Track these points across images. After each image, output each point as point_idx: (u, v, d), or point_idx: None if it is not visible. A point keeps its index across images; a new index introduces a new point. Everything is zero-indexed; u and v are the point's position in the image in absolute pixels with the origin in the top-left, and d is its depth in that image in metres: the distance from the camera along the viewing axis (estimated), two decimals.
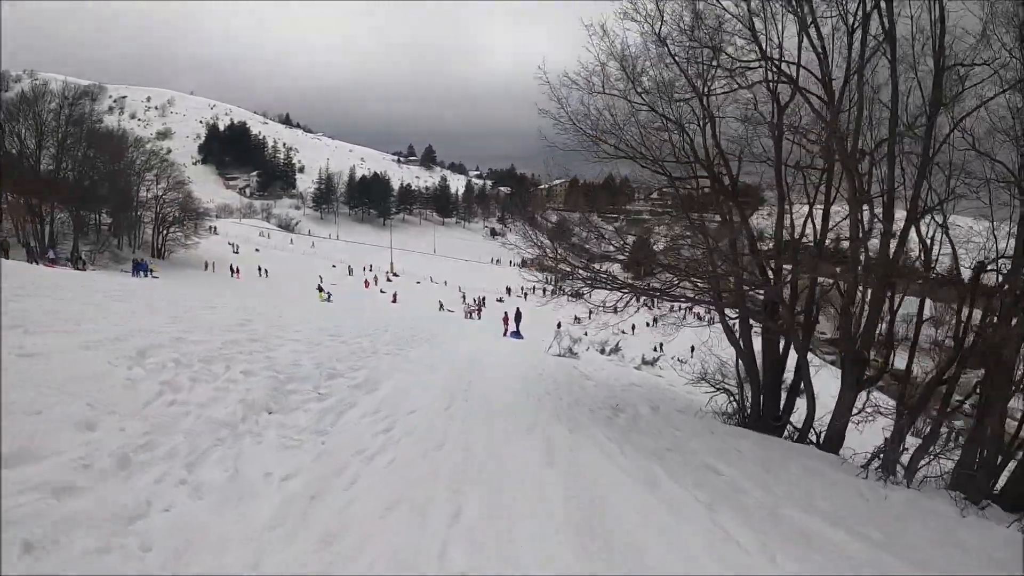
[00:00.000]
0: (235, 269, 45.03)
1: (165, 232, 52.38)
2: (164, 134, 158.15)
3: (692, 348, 39.82)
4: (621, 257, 9.11)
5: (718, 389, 9.01)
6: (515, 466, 4.78)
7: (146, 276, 35.85)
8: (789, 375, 8.79)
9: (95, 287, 13.36)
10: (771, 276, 8.13)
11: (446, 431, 5.73)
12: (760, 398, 8.50)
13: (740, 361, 9.46)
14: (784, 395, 8.70)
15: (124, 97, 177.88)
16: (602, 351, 18.46)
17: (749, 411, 8.64)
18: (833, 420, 7.76)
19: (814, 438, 8.00)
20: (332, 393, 6.68)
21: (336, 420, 5.72)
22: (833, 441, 7.75)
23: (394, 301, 42.42)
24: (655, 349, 40.12)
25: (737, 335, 8.89)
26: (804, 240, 8.61)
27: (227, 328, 8.87)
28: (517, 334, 21.85)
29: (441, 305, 43.48)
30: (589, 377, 11.16)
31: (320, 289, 33.69)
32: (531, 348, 16.61)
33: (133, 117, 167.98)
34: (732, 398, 8.83)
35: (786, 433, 8.15)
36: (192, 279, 38.17)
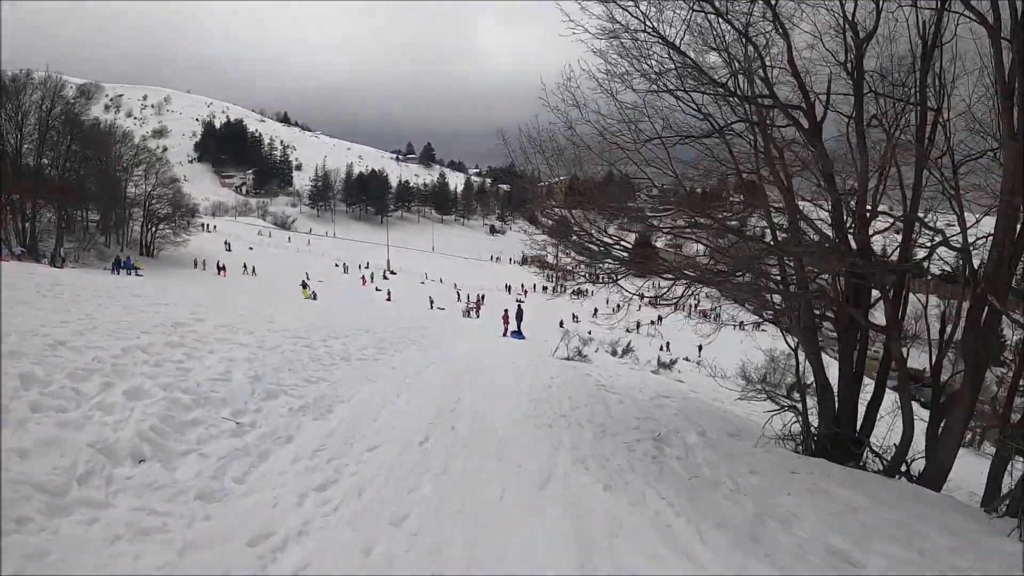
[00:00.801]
0: (222, 267, 43.10)
1: (154, 229, 50.55)
2: (160, 132, 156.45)
3: (699, 348, 37.86)
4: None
5: (784, 407, 7.06)
6: None
7: (129, 274, 34.13)
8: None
9: (35, 282, 11.48)
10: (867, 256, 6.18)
11: (413, 489, 3.83)
12: (834, 416, 6.58)
13: (799, 367, 7.55)
14: (860, 411, 6.77)
15: (121, 96, 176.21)
16: (613, 353, 16.53)
17: (817, 433, 6.72)
18: (938, 452, 5.85)
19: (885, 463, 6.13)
20: (260, 421, 4.77)
21: (249, 470, 3.81)
22: (933, 476, 5.87)
23: (388, 299, 40.48)
24: (661, 348, 38.25)
25: (796, 333, 7.02)
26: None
27: (147, 329, 6.93)
28: (518, 334, 19.96)
29: (432, 303, 41.31)
30: (608, 387, 9.24)
31: (305, 286, 31.64)
32: (534, 350, 14.68)
33: (129, 116, 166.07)
34: (797, 416, 6.89)
35: (854, 459, 6.28)
36: (177, 277, 36.29)
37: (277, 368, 6.67)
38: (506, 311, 20.75)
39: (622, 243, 6.94)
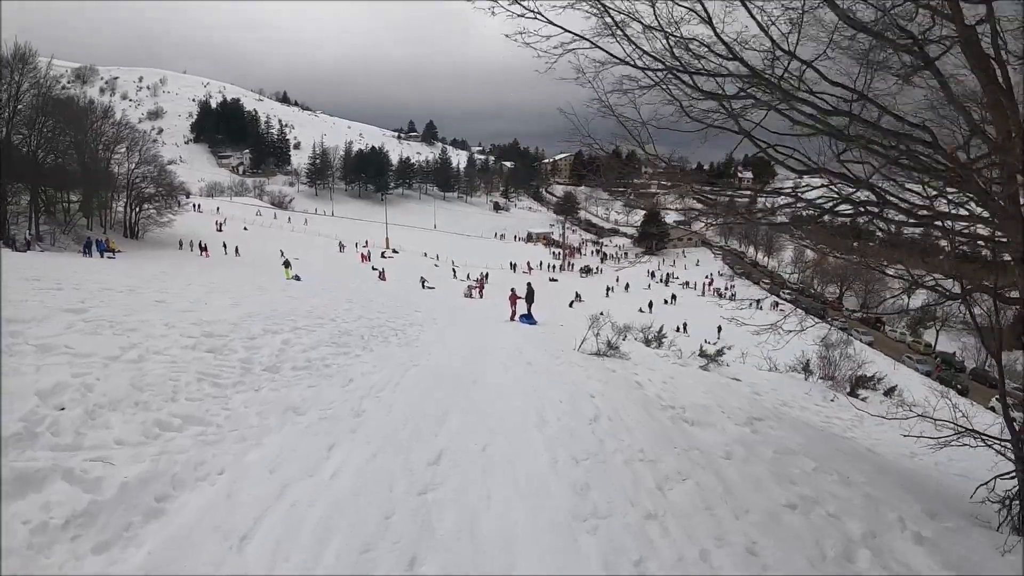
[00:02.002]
0: (204, 247, 40.26)
1: (138, 210, 47.68)
2: (155, 113, 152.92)
3: (719, 328, 34.75)
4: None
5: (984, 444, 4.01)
6: None
7: (103, 256, 31.64)
8: None
9: None
10: None
11: None
12: None
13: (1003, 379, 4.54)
14: None
15: (116, 78, 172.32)
16: (646, 342, 13.49)
17: None
18: None
19: None
20: None
21: None
22: None
23: (382, 278, 37.47)
24: (678, 329, 34.88)
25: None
26: None
27: None
28: (529, 318, 16.96)
29: (423, 282, 37.33)
30: (678, 408, 6.26)
31: (287, 265, 28.66)
32: (552, 340, 11.67)
33: (124, 98, 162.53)
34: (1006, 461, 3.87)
35: None
36: (155, 259, 33.49)
37: (100, 404, 3.70)
38: (513, 291, 17.65)
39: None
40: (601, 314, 10.82)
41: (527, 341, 11.16)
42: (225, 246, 44.47)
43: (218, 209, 71.23)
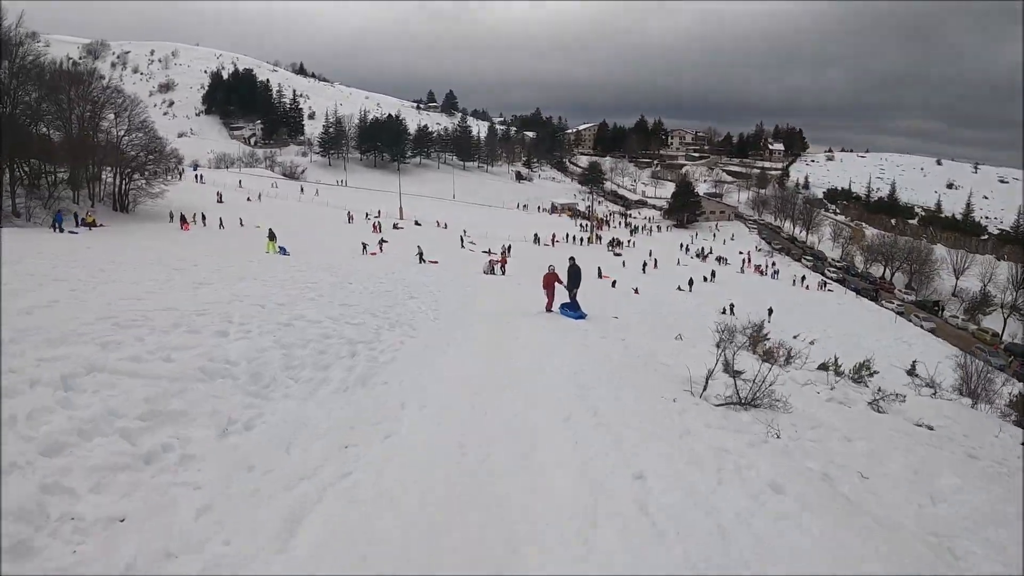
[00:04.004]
0: (184, 219, 36.17)
1: (128, 181, 43.64)
2: (166, 86, 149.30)
3: (770, 311, 29.64)
4: None
5: None
6: None
7: (63, 231, 27.91)
8: None
9: None
10: None
11: None
12: None
13: None
14: None
15: (127, 52, 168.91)
16: (767, 356, 8.51)
17: None
18: None
19: None
20: None
21: None
22: None
23: (378, 251, 32.68)
24: (724, 311, 29.26)
25: None
26: None
27: None
28: (572, 309, 12.16)
29: (421, 255, 30.71)
30: None
31: (271, 238, 24.27)
32: (629, 362, 6.84)
33: (136, 71, 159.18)
34: None
35: None
36: (125, 234, 29.45)
37: None
38: (552, 271, 12.88)
39: None
40: (726, 311, 5.91)
41: (591, 367, 6.30)
42: (221, 220, 40.23)
43: (240, 182, 67.15)
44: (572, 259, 13.32)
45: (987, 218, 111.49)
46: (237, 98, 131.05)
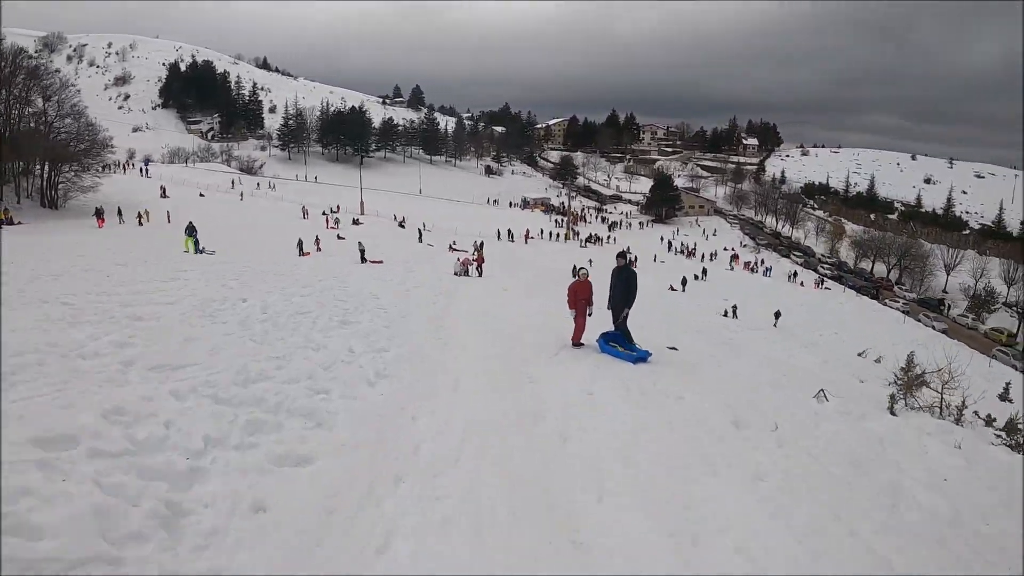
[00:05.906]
0: (99, 213, 33.03)
1: (57, 174, 40.23)
2: (122, 79, 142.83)
3: (777, 314, 27.55)
4: None
5: None
6: None
7: None
8: None
9: None
10: None
11: None
12: None
13: None
14: None
15: (84, 45, 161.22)
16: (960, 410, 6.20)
17: None
18: None
19: None
20: None
21: None
22: None
23: (315, 250, 29.65)
24: (726, 314, 26.82)
25: None
26: None
27: None
28: (622, 341, 8.41)
29: (362, 254, 25.46)
30: None
31: (189, 234, 21.45)
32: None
33: (92, 64, 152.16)
34: None
35: None
36: (34, 234, 26.49)
37: None
38: (582, 278, 8.92)
39: None
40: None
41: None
42: (145, 213, 36.83)
43: (147, 171, 63.32)
44: (623, 257, 9.00)
45: (968, 213, 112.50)
46: (195, 91, 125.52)
